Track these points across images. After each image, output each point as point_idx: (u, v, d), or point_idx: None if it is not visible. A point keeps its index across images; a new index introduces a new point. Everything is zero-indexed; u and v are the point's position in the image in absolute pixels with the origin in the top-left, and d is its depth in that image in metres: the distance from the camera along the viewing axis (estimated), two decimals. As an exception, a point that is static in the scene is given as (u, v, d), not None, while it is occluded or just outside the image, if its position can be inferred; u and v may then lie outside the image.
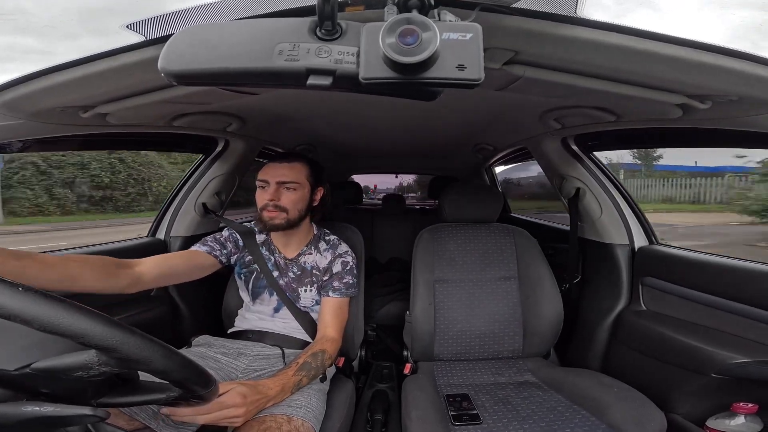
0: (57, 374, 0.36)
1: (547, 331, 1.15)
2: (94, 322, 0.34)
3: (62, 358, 0.36)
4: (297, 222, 0.95)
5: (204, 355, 0.88)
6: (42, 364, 0.35)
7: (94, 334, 0.34)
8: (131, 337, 0.36)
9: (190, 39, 0.37)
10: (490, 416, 0.88)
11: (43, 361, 0.35)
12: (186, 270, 0.88)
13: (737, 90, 0.56)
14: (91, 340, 0.34)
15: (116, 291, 0.72)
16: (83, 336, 0.33)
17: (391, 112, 1.11)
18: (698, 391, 0.88)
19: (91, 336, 0.34)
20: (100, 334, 0.34)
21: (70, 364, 0.36)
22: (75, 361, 0.36)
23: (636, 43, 0.48)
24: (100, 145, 1.11)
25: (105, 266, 0.71)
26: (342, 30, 0.36)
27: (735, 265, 0.88)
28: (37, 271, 0.60)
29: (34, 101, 0.64)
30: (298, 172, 0.94)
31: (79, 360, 0.36)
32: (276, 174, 0.92)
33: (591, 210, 1.22)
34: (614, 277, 1.17)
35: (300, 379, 0.78)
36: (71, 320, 0.33)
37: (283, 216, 0.91)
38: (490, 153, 1.76)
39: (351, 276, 1.00)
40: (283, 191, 0.92)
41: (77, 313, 0.34)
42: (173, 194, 1.29)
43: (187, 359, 0.41)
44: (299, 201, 0.93)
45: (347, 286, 0.98)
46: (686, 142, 0.97)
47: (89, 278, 0.67)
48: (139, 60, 0.52)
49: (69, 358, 0.36)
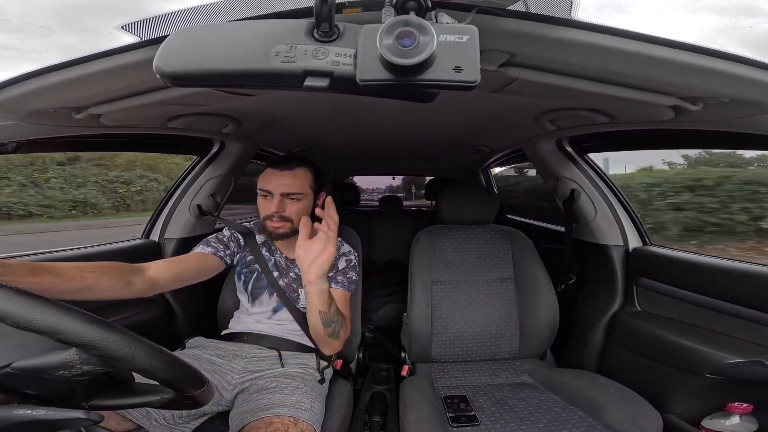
0: (39, 374, 0.35)
1: (544, 332, 1.16)
2: (70, 317, 0.33)
3: (43, 356, 0.35)
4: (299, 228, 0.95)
5: (198, 357, 0.87)
6: (22, 363, 0.34)
7: (71, 331, 0.33)
8: (110, 333, 0.35)
9: (186, 40, 0.37)
10: (488, 417, 0.88)
11: (24, 360, 0.34)
12: (197, 272, 0.89)
13: (728, 92, 0.57)
14: (67, 336, 0.33)
15: (132, 297, 0.72)
16: (60, 332, 0.32)
17: (388, 113, 1.12)
18: (693, 392, 0.89)
19: (67, 332, 0.33)
20: (77, 330, 0.33)
21: (51, 363, 0.35)
22: (56, 360, 0.35)
23: (629, 46, 0.48)
24: (93, 146, 1.10)
25: (121, 273, 0.71)
26: (339, 32, 0.36)
27: (728, 266, 0.89)
28: (53, 284, 0.59)
29: (26, 102, 0.63)
30: (301, 181, 0.92)
31: (60, 358, 0.35)
32: (279, 184, 0.90)
33: (586, 211, 1.23)
34: (609, 278, 1.18)
35: (330, 302, 0.81)
36: (45, 316, 0.32)
37: (288, 226, 0.91)
38: (486, 154, 1.77)
39: (354, 273, 1.00)
40: (287, 202, 0.91)
41: (53, 309, 0.33)
42: (168, 196, 1.28)
43: (174, 357, 0.40)
44: (303, 210, 0.93)
45: (350, 281, 0.98)
46: (679, 144, 0.98)
47: (106, 287, 0.67)
48: (134, 61, 0.52)
49: (50, 356, 0.35)
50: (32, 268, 0.57)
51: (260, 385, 0.82)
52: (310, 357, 0.95)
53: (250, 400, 0.78)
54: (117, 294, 0.69)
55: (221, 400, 0.83)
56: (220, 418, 0.82)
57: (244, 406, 0.77)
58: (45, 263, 0.61)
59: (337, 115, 1.16)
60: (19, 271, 0.55)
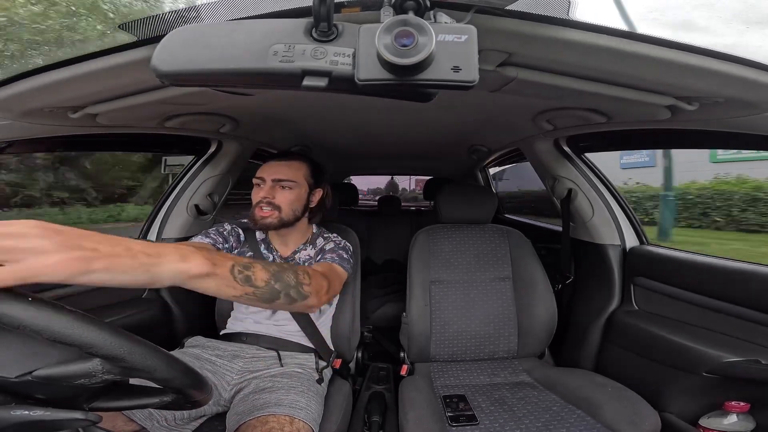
0: (58, 382, 0.36)
1: (542, 331, 1.16)
2: (103, 332, 0.35)
3: (66, 366, 0.36)
4: (291, 222, 0.94)
5: (199, 357, 0.87)
6: (44, 372, 0.35)
7: (103, 344, 0.34)
8: (138, 347, 0.37)
9: (184, 39, 0.36)
10: (487, 417, 0.89)
11: (46, 369, 0.35)
12: None
13: (723, 92, 0.58)
14: (99, 350, 0.34)
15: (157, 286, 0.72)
16: (93, 346, 0.34)
17: (386, 113, 1.11)
18: (690, 390, 0.89)
19: (100, 346, 0.34)
20: (109, 344, 0.35)
21: (74, 372, 0.36)
22: (79, 369, 0.36)
23: (626, 46, 0.49)
24: (89, 146, 1.09)
25: None
26: (338, 31, 0.36)
27: (725, 265, 0.90)
28: None
29: (22, 101, 0.63)
30: (296, 170, 0.92)
31: (84, 368, 0.36)
32: (273, 172, 0.91)
33: (583, 211, 1.24)
34: (606, 278, 1.18)
35: (250, 262, 0.55)
36: (81, 331, 0.34)
37: (275, 215, 0.90)
38: (484, 154, 1.77)
39: (345, 252, 0.94)
40: (278, 189, 0.91)
41: (86, 323, 0.34)
42: (165, 195, 1.27)
43: (188, 367, 0.42)
44: (295, 200, 0.92)
45: (341, 258, 0.91)
46: (675, 144, 0.99)
47: None
48: (131, 60, 0.52)
49: (73, 366, 0.36)
50: None
51: (257, 385, 0.82)
52: (309, 357, 0.94)
53: (246, 400, 0.78)
54: None
55: (220, 400, 0.83)
56: (219, 418, 0.82)
57: (241, 406, 0.76)
58: None
59: (335, 115, 1.16)
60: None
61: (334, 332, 1.04)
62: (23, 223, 0.36)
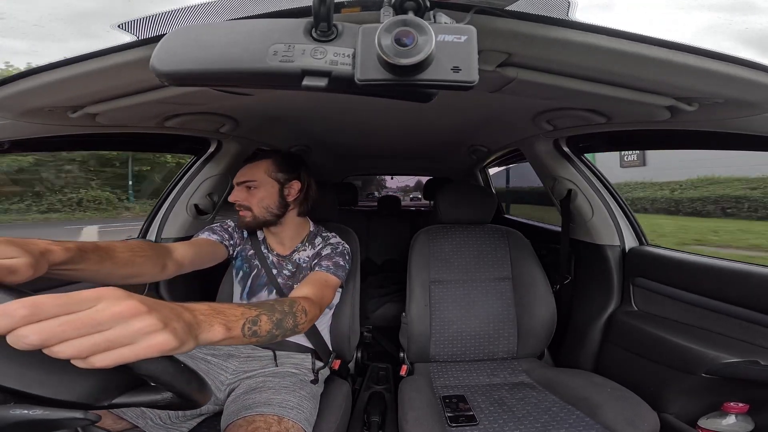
0: (122, 406, 0.40)
1: (541, 331, 1.16)
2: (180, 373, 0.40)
3: (141, 395, 0.40)
4: (271, 219, 0.94)
5: (193, 356, 0.87)
6: (122, 400, 0.39)
7: (179, 383, 0.40)
8: (194, 380, 0.42)
9: (183, 39, 0.36)
10: (486, 417, 0.89)
11: (124, 397, 0.40)
12: (209, 257, 0.90)
13: (723, 92, 0.58)
14: (175, 388, 0.40)
15: (165, 279, 0.75)
16: (172, 386, 0.40)
17: (386, 113, 1.11)
18: (689, 391, 0.89)
19: (176, 385, 0.40)
20: (179, 383, 0.40)
21: (146, 401, 0.40)
22: (155, 398, 0.40)
23: (626, 46, 0.49)
24: (89, 145, 1.09)
25: (158, 257, 0.72)
26: (338, 31, 0.36)
27: (724, 266, 0.90)
28: (111, 269, 0.61)
29: (21, 101, 0.63)
30: (256, 169, 0.94)
31: (156, 398, 0.40)
32: (239, 176, 0.95)
33: (582, 211, 1.24)
34: (606, 278, 1.18)
35: (257, 315, 0.56)
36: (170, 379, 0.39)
37: (249, 214, 0.93)
38: (484, 154, 1.77)
39: (341, 258, 0.93)
40: (245, 191, 0.93)
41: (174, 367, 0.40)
42: (164, 195, 1.27)
43: (197, 375, 0.43)
44: (264, 198, 0.92)
45: (336, 266, 0.90)
46: (675, 144, 0.99)
47: (148, 273, 0.69)
48: (130, 60, 0.52)
49: (148, 396, 0.40)
50: (100, 256, 0.58)
51: (249, 385, 0.82)
52: (305, 357, 0.94)
53: (237, 400, 0.77)
54: (155, 278, 0.72)
55: (216, 399, 0.83)
56: (215, 417, 0.82)
57: (231, 406, 0.76)
58: (103, 245, 0.61)
59: (335, 115, 1.16)
60: (92, 258, 0.56)
61: (333, 332, 1.04)
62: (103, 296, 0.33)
